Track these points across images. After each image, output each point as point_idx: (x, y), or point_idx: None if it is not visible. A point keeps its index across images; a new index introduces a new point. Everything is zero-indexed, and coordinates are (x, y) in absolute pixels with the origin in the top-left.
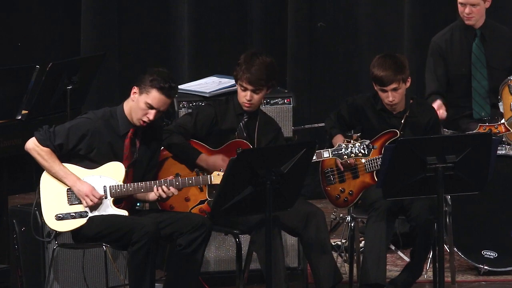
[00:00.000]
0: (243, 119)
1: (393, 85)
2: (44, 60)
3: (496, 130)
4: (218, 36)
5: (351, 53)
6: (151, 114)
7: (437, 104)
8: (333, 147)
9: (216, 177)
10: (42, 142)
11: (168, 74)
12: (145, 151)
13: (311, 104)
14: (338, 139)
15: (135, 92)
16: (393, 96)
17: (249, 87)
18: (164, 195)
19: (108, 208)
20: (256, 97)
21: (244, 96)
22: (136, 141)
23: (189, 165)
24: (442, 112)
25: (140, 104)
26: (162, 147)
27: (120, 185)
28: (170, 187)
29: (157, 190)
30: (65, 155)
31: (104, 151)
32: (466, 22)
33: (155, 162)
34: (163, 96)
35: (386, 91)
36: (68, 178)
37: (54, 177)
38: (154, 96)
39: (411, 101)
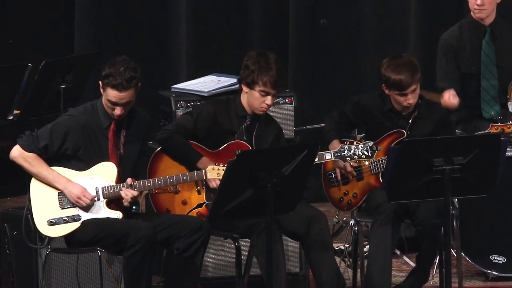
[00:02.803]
0: (246, 122)
1: (413, 87)
2: (36, 58)
3: (508, 130)
4: (217, 34)
5: (354, 52)
6: (117, 109)
7: (446, 94)
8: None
9: (211, 172)
10: (26, 148)
11: (123, 63)
12: (131, 147)
13: (313, 104)
14: (335, 145)
15: (101, 87)
16: (413, 97)
17: (272, 91)
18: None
19: (102, 210)
20: (274, 99)
21: (264, 102)
22: (121, 135)
23: (188, 167)
24: (453, 101)
25: (104, 100)
26: (160, 148)
27: (113, 186)
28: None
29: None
30: (52, 158)
31: (90, 147)
32: (477, 15)
33: (143, 152)
34: (117, 92)
35: (406, 94)
36: (58, 182)
37: (44, 182)
38: (110, 94)
39: (419, 101)
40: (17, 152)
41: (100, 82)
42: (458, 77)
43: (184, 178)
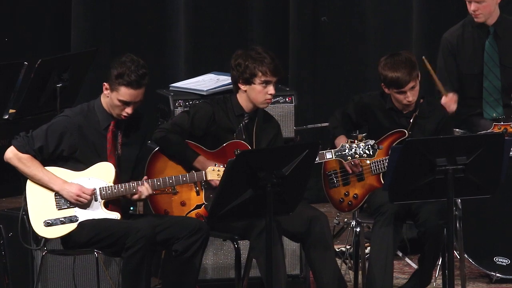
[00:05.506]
0: (244, 120)
1: (411, 84)
2: (32, 57)
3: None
4: (216, 33)
5: (356, 50)
6: (129, 108)
7: (449, 96)
8: (336, 148)
9: (211, 173)
10: (21, 148)
11: (133, 61)
12: (129, 148)
13: (314, 103)
14: (341, 140)
15: (107, 89)
16: (412, 95)
17: (274, 78)
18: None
19: (99, 211)
20: (275, 88)
21: (268, 92)
22: (118, 136)
23: (185, 166)
24: (452, 106)
25: (114, 101)
26: (157, 148)
27: (111, 187)
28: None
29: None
30: (48, 159)
31: (87, 148)
32: (475, 20)
33: (142, 156)
34: (132, 90)
35: (404, 92)
36: (54, 183)
37: (39, 184)
38: (123, 92)
39: (421, 100)
40: (11, 153)
41: (106, 84)
42: (457, 77)
43: (184, 179)
